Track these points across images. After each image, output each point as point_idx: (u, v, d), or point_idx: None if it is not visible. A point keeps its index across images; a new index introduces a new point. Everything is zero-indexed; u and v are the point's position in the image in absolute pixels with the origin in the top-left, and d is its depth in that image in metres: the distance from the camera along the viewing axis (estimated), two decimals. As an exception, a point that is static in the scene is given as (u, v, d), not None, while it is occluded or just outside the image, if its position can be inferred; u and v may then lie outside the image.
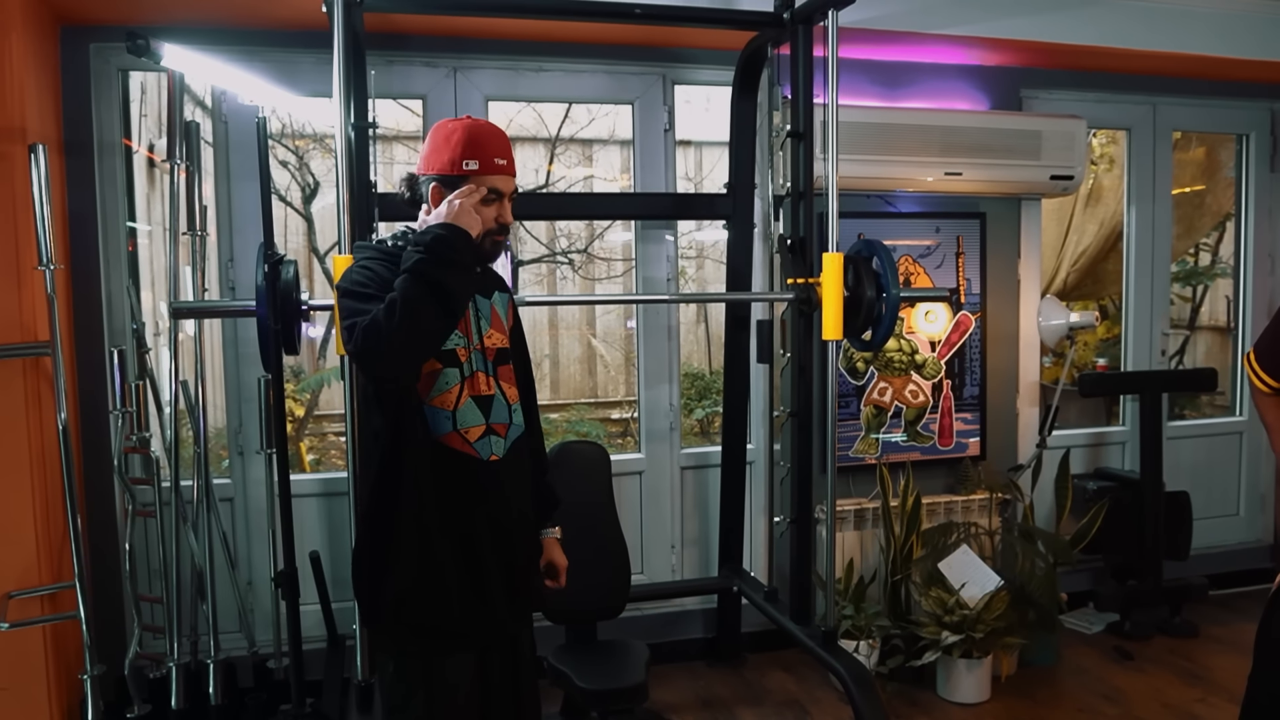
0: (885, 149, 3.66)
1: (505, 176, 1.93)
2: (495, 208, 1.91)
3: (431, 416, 1.89)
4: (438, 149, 1.93)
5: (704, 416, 6.31)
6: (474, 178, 1.89)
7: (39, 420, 2.94)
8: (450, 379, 1.90)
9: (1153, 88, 4.33)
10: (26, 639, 2.88)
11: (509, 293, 2.14)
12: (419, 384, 1.88)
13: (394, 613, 1.93)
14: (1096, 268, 5.57)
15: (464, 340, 1.93)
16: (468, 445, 1.91)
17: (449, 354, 1.91)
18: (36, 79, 3.00)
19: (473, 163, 1.89)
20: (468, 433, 1.92)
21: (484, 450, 1.93)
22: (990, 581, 3.44)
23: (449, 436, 1.90)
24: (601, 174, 6.69)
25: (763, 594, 3.44)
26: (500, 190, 1.92)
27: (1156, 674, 3.68)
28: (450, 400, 1.90)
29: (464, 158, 1.90)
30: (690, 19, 3.29)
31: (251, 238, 3.34)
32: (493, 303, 2.04)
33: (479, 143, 1.91)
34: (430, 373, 1.89)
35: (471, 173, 1.89)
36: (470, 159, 1.90)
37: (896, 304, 2.95)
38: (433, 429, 1.89)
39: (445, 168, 1.91)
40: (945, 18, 3.61)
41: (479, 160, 1.90)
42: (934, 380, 4.00)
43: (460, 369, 1.91)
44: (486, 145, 1.92)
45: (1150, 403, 4.06)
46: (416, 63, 3.50)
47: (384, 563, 1.93)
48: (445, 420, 1.90)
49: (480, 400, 1.94)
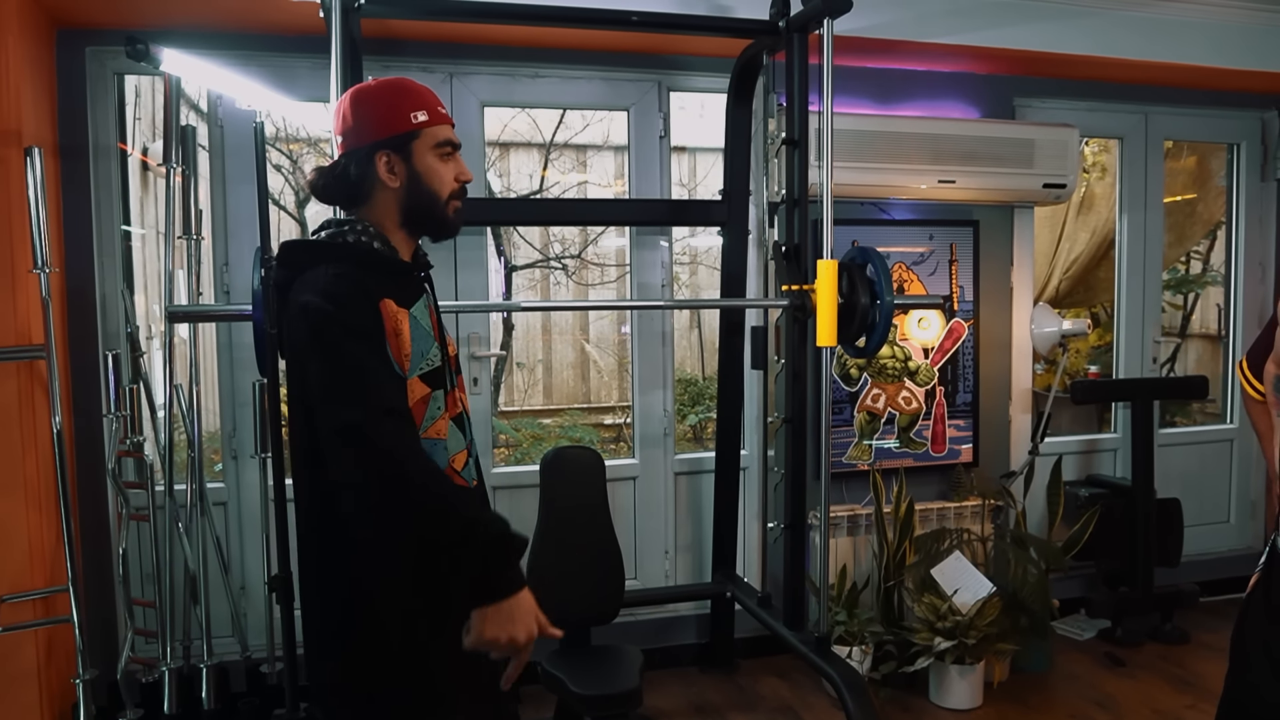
0: (879, 157, 3.68)
1: (451, 126, 1.68)
2: (452, 164, 1.67)
3: (430, 451, 1.59)
4: (371, 112, 1.63)
5: (697, 422, 6.32)
6: (425, 130, 1.62)
7: (33, 423, 2.93)
8: (439, 403, 1.62)
9: (1145, 97, 4.36)
10: (19, 643, 2.88)
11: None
12: (414, 412, 1.58)
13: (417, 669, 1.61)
14: (1088, 276, 5.60)
15: (442, 353, 1.66)
16: (459, 477, 1.65)
17: (437, 373, 1.62)
18: (33, 82, 2.99)
19: (420, 113, 1.62)
20: (455, 461, 1.65)
21: (469, 477, 1.69)
22: (983, 588, 3.45)
23: (445, 472, 1.63)
24: (595, 179, 6.71)
25: (756, 599, 3.44)
26: (455, 141, 1.67)
27: (1148, 680, 3.69)
28: (442, 428, 1.63)
29: (409, 110, 1.62)
30: (686, 26, 3.31)
31: (246, 242, 3.34)
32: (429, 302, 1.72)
33: (416, 91, 1.65)
34: (422, 398, 1.60)
35: (422, 125, 1.62)
36: (416, 110, 1.62)
37: (890, 311, 2.97)
38: None
39: (388, 128, 1.61)
40: (939, 27, 3.63)
41: (425, 109, 1.63)
42: (927, 387, 4.02)
43: (445, 388, 1.64)
44: (423, 94, 1.65)
45: (1142, 410, 4.08)
46: (413, 68, 3.50)
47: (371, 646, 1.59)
48: (442, 453, 1.62)
49: (459, 420, 1.68)
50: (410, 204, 1.65)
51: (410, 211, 1.66)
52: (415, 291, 1.66)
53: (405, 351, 1.58)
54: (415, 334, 1.60)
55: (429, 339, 1.63)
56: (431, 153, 1.64)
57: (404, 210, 1.65)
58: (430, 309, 1.68)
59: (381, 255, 1.64)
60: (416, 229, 1.69)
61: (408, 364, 1.58)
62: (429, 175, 1.64)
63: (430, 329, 1.65)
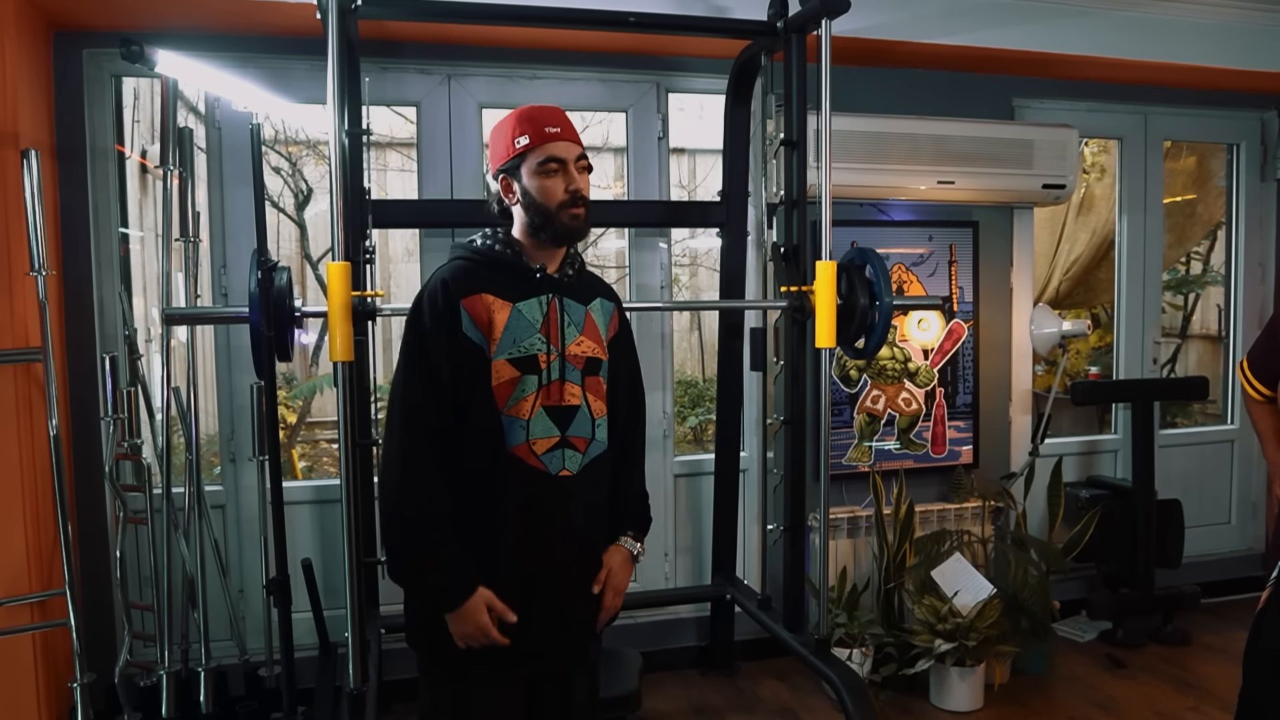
0: (878, 158, 3.67)
1: (564, 143, 1.86)
2: (560, 178, 1.85)
3: (508, 426, 1.81)
4: (494, 146, 1.91)
5: (697, 424, 6.31)
6: (529, 153, 1.84)
7: (29, 426, 2.92)
8: (528, 386, 1.82)
9: (1144, 97, 4.35)
10: (16, 647, 2.87)
11: (616, 302, 2.04)
12: (496, 391, 1.81)
13: (430, 636, 1.86)
14: (1088, 276, 5.60)
15: (545, 345, 1.85)
16: (535, 458, 1.82)
17: (529, 360, 1.83)
18: (29, 84, 2.99)
19: (523, 138, 1.85)
20: (536, 444, 1.82)
21: (553, 465, 1.84)
22: (983, 590, 3.44)
23: (519, 448, 1.81)
24: (594, 181, 6.69)
25: (756, 602, 3.43)
26: (560, 157, 1.85)
27: (1149, 682, 3.68)
28: (525, 409, 1.82)
29: (515, 137, 1.86)
30: (684, 27, 3.31)
31: (244, 244, 3.33)
32: (589, 309, 1.95)
33: (526, 118, 1.87)
34: (509, 380, 1.82)
35: (525, 148, 1.84)
36: (520, 135, 1.85)
37: (890, 312, 2.96)
38: (507, 439, 1.81)
39: (503, 157, 1.88)
40: (938, 28, 3.62)
41: (529, 134, 1.85)
42: (927, 388, 4.01)
43: (539, 376, 1.83)
44: (535, 118, 1.87)
45: (1142, 411, 4.08)
46: (410, 70, 3.50)
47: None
48: (520, 430, 1.82)
49: (557, 411, 1.85)
50: (530, 217, 1.88)
51: (532, 223, 1.88)
52: (532, 290, 1.89)
53: (495, 336, 1.83)
54: (514, 323, 1.84)
55: (530, 330, 1.85)
56: (536, 172, 1.86)
57: (528, 223, 1.89)
58: (552, 308, 1.88)
59: (497, 254, 1.90)
60: (544, 236, 1.89)
61: (494, 346, 1.83)
62: (537, 191, 1.86)
63: (536, 323, 1.86)
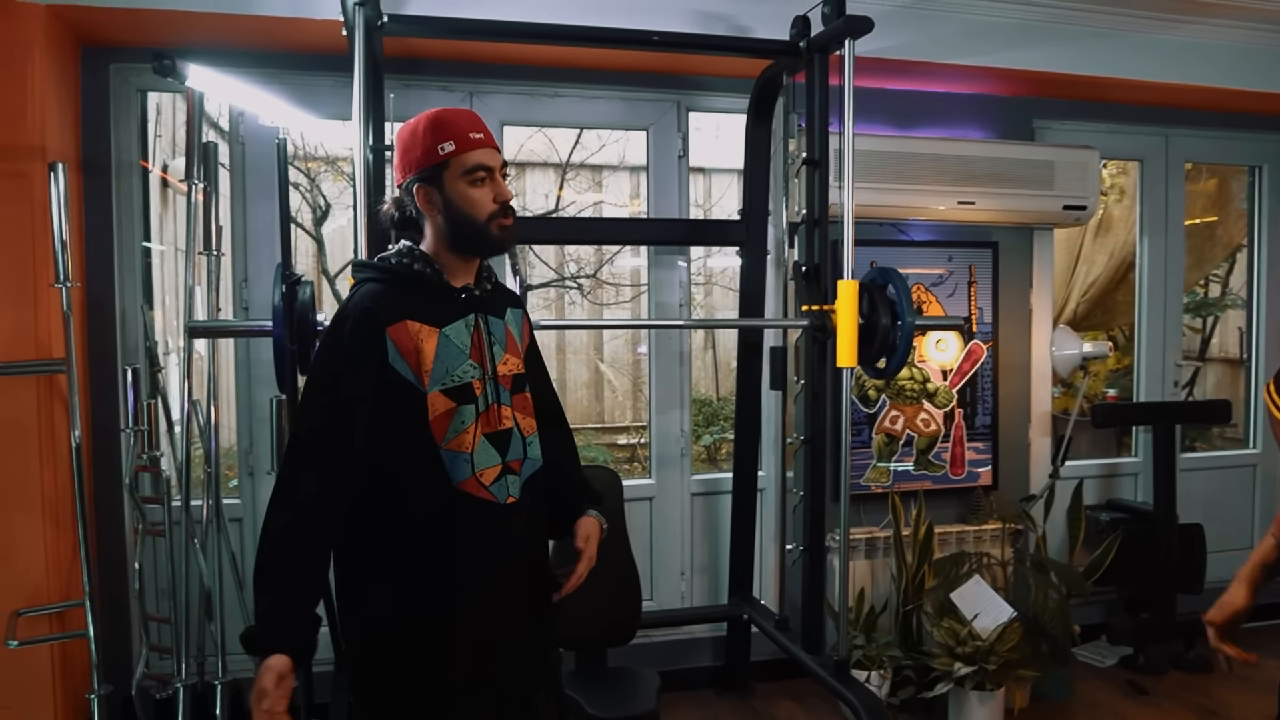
0: (899, 178, 3.67)
1: (487, 150, 1.73)
2: (488, 186, 1.73)
3: (450, 461, 1.69)
4: (408, 149, 1.75)
5: (712, 443, 6.29)
6: (453, 159, 1.71)
7: (51, 437, 2.94)
8: (466, 418, 1.70)
9: (1165, 119, 4.34)
10: (34, 657, 2.87)
11: (522, 308, 1.95)
12: (433, 425, 1.68)
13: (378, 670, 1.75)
14: (1106, 298, 5.56)
15: (479, 371, 1.73)
16: (485, 490, 1.71)
17: (465, 389, 1.71)
18: (57, 98, 3.02)
19: (448, 144, 1.71)
20: (483, 475, 1.71)
21: (500, 494, 1.73)
22: (1003, 613, 3.40)
23: (467, 483, 1.69)
24: (611, 199, 6.73)
25: (773, 622, 3.41)
26: (487, 165, 1.73)
27: (1171, 710, 3.63)
28: (467, 441, 1.70)
29: (437, 142, 1.71)
30: (707, 47, 3.32)
31: (265, 258, 3.35)
32: (506, 323, 1.84)
33: (448, 122, 1.73)
34: (445, 412, 1.69)
35: (450, 154, 1.70)
36: (444, 141, 1.71)
37: (911, 332, 2.95)
38: (453, 476, 1.69)
39: (421, 162, 1.72)
40: (959, 49, 3.63)
41: (454, 139, 1.71)
42: (946, 409, 3.99)
43: (476, 404, 1.72)
44: (456, 122, 1.73)
45: (1163, 434, 4.04)
46: (433, 87, 3.52)
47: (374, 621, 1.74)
48: (464, 465, 1.69)
49: (496, 437, 1.74)
50: (452, 229, 1.75)
51: (454, 236, 1.76)
52: (456, 312, 1.76)
53: (425, 367, 1.69)
54: (444, 351, 1.71)
55: (460, 357, 1.72)
56: (462, 179, 1.72)
57: (448, 235, 1.76)
58: (478, 329, 1.76)
59: (417, 274, 1.76)
60: (466, 250, 1.78)
61: (427, 378, 1.69)
62: (462, 201, 1.73)
63: (466, 348, 1.74)
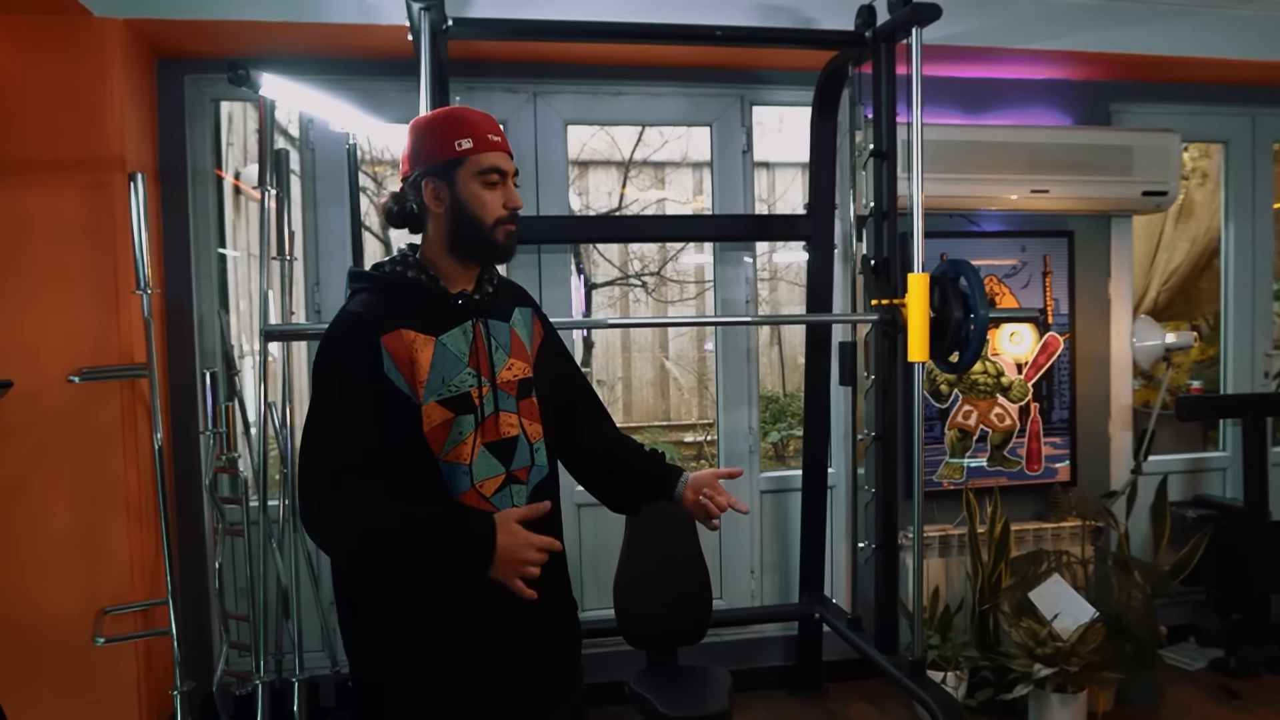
0: (969, 167, 3.58)
1: (503, 154, 1.69)
2: (500, 191, 1.68)
3: (449, 474, 1.63)
4: (422, 141, 1.69)
5: (779, 440, 6.24)
6: (469, 157, 1.65)
7: (134, 440, 3.02)
8: (465, 428, 1.64)
9: (1251, 98, 4.17)
10: (120, 654, 2.96)
11: (531, 306, 1.85)
12: (430, 437, 1.62)
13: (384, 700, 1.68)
14: (1188, 286, 5.37)
15: (477, 379, 1.66)
16: (485, 502, 1.65)
17: (462, 398, 1.64)
18: (136, 110, 3.10)
19: (465, 141, 1.65)
20: (483, 486, 1.65)
21: (502, 504, 1.66)
22: (1084, 613, 3.30)
23: (466, 495, 1.63)
24: (674, 196, 6.71)
25: (846, 621, 3.36)
26: (502, 169, 1.68)
27: (1266, 715, 3.48)
28: (465, 453, 1.64)
29: (455, 138, 1.65)
30: (771, 40, 3.28)
31: (337, 261, 3.40)
32: (512, 326, 1.76)
33: (467, 119, 1.68)
34: (442, 423, 1.62)
35: (466, 152, 1.65)
36: (462, 138, 1.65)
37: (985, 325, 2.88)
38: (451, 488, 1.63)
39: (435, 156, 1.67)
40: (1030, 32, 3.53)
41: (472, 137, 1.65)
42: (1021, 403, 3.88)
43: (475, 414, 1.65)
44: (475, 121, 1.68)
45: (1254, 427, 3.88)
46: (498, 88, 3.54)
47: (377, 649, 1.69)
48: (463, 476, 1.63)
49: (497, 446, 1.67)
50: (455, 229, 1.68)
51: (456, 237, 1.69)
52: (453, 319, 1.69)
53: (420, 378, 1.62)
54: (439, 360, 1.64)
55: (458, 365, 1.65)
56: (475, 179, 1.66)
57: (450, 236, 1.69)
58: (478, 336, 1.69)
59: (411, 281, 1.70)
60: (466, 254, 1.71)
61: (422, 389, 1.62)
62: (472, 201, 1.67)
63: (464, 355, 1.67)
